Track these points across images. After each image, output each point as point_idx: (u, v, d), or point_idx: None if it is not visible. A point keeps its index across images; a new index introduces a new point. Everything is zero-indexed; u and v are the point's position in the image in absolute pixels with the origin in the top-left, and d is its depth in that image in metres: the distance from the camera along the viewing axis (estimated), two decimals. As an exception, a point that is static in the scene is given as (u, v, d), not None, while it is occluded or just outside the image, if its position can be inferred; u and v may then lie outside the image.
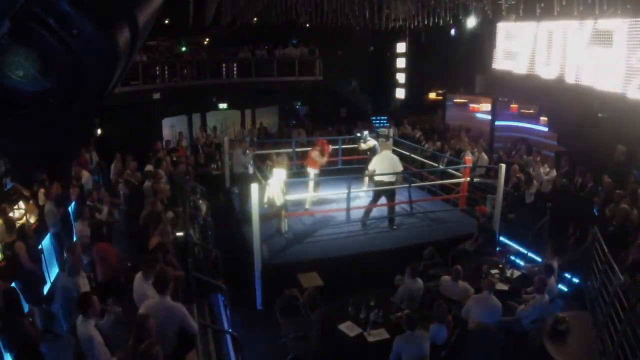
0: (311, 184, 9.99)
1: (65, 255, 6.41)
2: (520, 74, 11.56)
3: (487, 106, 15.04)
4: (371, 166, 9.25)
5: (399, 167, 9.24)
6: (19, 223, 8.18)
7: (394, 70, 18.72)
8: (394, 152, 12.39)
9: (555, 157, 11.37)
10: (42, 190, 8.71)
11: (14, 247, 6.35)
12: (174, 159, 11.55)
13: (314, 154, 10.07)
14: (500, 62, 12.32)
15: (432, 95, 17.90)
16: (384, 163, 9.07)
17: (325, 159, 10.17)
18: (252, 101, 18.04)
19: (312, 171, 10.06)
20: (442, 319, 5.57)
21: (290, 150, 11.88)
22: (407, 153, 11.90)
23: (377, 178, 9.10)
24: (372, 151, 10.33)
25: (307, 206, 9.85)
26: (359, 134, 11.00)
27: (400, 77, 18.63)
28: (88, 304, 4.37)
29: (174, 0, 10.60)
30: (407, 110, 17.69)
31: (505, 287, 6.98)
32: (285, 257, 7.97)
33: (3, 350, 4.95)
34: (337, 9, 11.08)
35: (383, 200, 10.45)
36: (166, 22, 16.87)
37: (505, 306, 6.20)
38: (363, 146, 10.56)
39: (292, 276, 7.12)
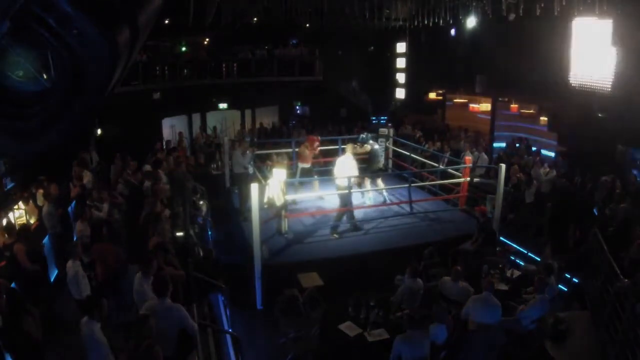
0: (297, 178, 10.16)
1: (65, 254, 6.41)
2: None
3: (487, 106, 15.03)
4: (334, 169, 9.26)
5: (353, 172, 9.10)
6: (20, 222, 8.19)
7: (394, 70, 18.69)
8: (394, 152, 12.48)
9: (555, 157, 11.38)
10: (40, 191, 8.68)
11: (13, 249, 6.33)
12: (175, 157, 11.54)
13: (301, 149, 10.37)
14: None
15: (432, 95, 17.87)
16: (340, 167, 9.06)
17: (310, 152, 10.28)
18: (252, 101, 18.03)
19: (300, 165, 10.29)
20: (442, 319, 5.57)
21: (290, 150, 11.87)
22: (407, 153, 11.90)
23: (336, 182, 9.05)
24: (371, 154, 10.26)
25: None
26: (362, 135, 10.91)
27: (400, 77, 18.60)
28: (94, 307, 4.38)
29: (174, 0, 10.60)
30: (407, 110, 17.67)
31: (505, 287, 6.98)
32: (285, 257, 7.96)
33: (4, 350, 4.95)
34: (337, 9, 11.09)
35: (383, 199, 10.49)
36: (166, 22, 16.85)
37: (505, 306, 6.19)
38: (358, 149, 10.49)
39: (292, 276, 7.12)
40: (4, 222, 7.60)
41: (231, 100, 17.51)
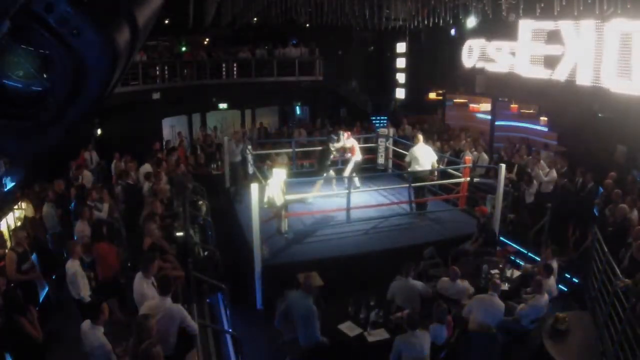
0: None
1: (65, 254, 6.41)
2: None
3: (487, 106, 15.03)
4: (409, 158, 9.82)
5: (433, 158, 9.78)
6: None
7: (394, 70, 18.70)
8: (394, 152, 12.48)
9: (554, 157, 11.38)
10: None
11: (5, 256, 6.25)
12: (175, 158, 11.56)
13: None
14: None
15: (432, 95, 17.88)
16: (421, 155, 9.57)
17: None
18: (252, 101, 18.04)
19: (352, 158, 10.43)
20: (442, 319, 5.57)
21: (290, 150, 11.88)
22: (407, 153, 11.89)
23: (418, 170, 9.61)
24: (319, 154, 10.48)
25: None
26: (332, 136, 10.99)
27: (400, 77, 18.61)
28: (99, 311, 4.38)
29: (174, 0, 10.61)
30: (407, 110, 17.67)
31: (505, 287, 6.98)
32: (285, 257, 7.96)
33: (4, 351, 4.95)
34: (337, 9, 11.08)
35: (383, 199, 10.49)
36: (166, 22, 16.87)
37: (505, 306, 6.20)
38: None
39: (292, 276, 7.12)
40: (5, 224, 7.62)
41: (231, 100, 17.52)
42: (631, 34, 8.41)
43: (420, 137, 10.11)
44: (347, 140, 10.39)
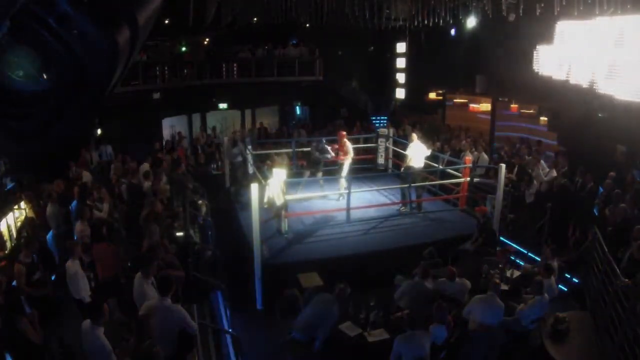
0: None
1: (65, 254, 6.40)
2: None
3: (487, 106, 15.01)
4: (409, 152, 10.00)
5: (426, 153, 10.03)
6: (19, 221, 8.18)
7: (394, 70, 18.68)
8: (394, 151, 12.49)
9: (555, 157, 11.36)
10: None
11: (14, 269, 6.09)
12: (174, 158, 11.56)
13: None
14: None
15: (432, 95, 17.85)
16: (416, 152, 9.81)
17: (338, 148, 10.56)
18: (252, 101, 18.03)
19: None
20: (442, 319, 5.57)
21: (290, 150, 11.88)
22: (407, 153, 11.88)
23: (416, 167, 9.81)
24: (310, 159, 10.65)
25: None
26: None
27: (400, 77, 18.58)
28: (99, 312, 4.38)
29: (174, 0, 10.61)
30: (407, 110, 17.65)
31: (505, 287, 6.97)
32: (285, 257, 7.96)
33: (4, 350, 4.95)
34: (337, 9, 11.08)
35: (383, 199, 10.50)
36: (166, 22, 16.86)
37: (505, 306, 6.19)
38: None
39: (292, 276, 7.12)
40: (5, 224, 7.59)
41: (231, 100, 17.51)
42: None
43: (414, 135, 10.27)
44: (343, 142, 10.42)
